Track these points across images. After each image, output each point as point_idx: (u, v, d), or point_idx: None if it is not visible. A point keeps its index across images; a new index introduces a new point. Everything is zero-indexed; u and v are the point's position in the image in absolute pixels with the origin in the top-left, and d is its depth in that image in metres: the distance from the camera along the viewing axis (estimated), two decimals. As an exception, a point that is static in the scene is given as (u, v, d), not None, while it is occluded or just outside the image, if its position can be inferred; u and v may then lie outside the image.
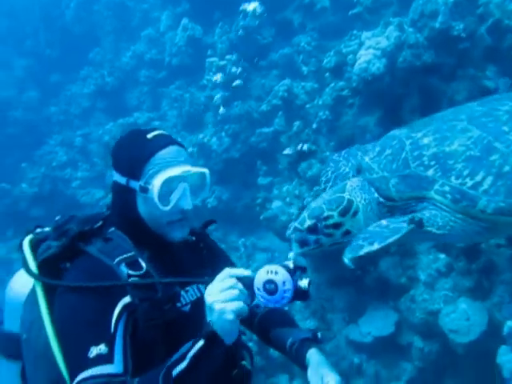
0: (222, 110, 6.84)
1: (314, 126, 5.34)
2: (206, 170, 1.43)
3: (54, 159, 8.76)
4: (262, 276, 1.17)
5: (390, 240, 1.56)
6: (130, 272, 1.27)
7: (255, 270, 1.20)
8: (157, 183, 1.32)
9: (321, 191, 2.28)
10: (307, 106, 5.86)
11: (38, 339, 1.32)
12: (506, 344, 3.54)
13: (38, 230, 1.45)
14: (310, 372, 1.39)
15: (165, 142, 1.38)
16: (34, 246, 1.38)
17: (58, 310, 1.27)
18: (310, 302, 4.99)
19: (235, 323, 1.14)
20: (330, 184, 2.23)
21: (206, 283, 1.30)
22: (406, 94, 4.53)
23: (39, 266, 1.34)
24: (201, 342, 1.12)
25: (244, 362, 1.42)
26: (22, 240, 1.40)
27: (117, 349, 1.20)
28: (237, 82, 6.84)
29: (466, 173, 1.65)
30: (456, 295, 4.18)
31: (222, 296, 1.13)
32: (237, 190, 6.84)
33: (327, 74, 5.41)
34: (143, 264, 1.30)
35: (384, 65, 4.39)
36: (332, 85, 5.18)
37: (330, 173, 2.30)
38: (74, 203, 7.87)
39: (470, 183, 1.64)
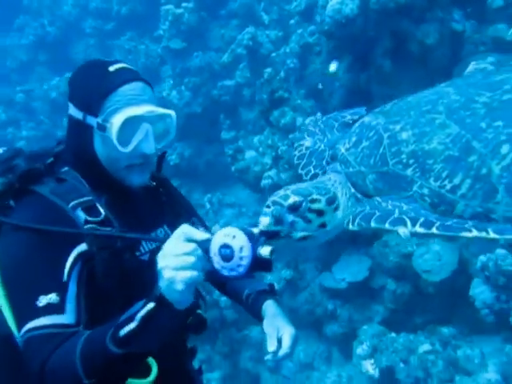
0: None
1: (282, 74, 5.17)
2: (172, 112, 1.30)
3: (-8, 118, 8.01)
4: (218, 239, 1.04)
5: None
6: (88, 218, 1.17)
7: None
8: (116, 122, 1.19)
9: (295, 166, 2.19)
10: (273, 54, 5.65)
11: None
12: (478, 277, 3.71)
13: None
14: (265, 323, 1.38)
15: (129, 76, 1.24)
16: None
17: (3, 252, 1.16)
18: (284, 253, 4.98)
19: (185, 293, 1.03)
20: (304, 161, 2.14)
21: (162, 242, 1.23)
22: (378, 37, 4.44)
23: None
24: (151, 305, 1.03)
25: (199, 311, 1.37)
26: None
27: (69, 298, 1.12)
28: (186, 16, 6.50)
29: (444, 174, 1.60)
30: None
31: (174, 262, 1.02)
32: (199, 146, 6.59)
33: (294, 20, 5.21)
34: (101, 210, 1.21)
35: (357, 5, 4.26)
36: (300, 31, 4.99)
37: (304, 148, 2.20)
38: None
39: (448, 186, 1.59)
